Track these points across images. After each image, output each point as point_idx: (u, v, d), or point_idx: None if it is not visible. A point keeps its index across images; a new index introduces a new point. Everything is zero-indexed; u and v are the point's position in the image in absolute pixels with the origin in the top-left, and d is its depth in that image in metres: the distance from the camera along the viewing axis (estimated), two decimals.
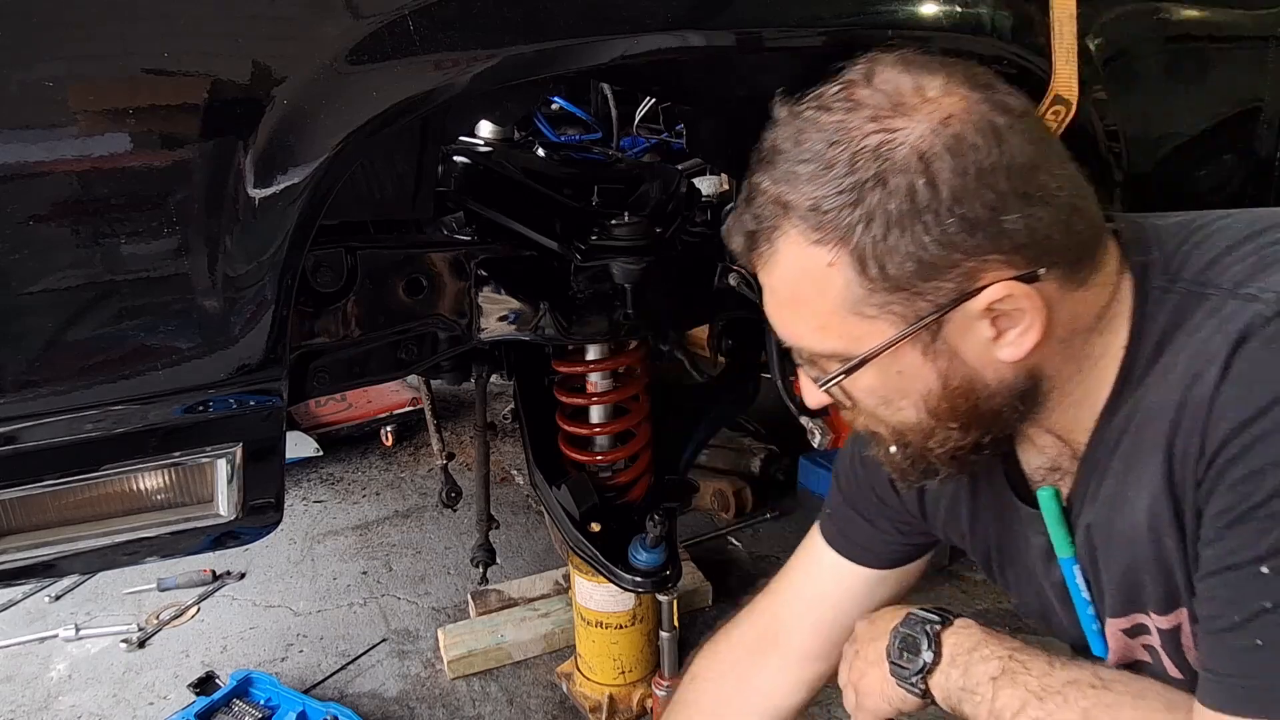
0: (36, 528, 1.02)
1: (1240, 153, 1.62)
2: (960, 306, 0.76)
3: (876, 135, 0.73)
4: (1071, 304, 0.80)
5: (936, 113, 0.74)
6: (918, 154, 0.72)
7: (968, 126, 0.73)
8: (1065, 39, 1.28)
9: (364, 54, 0.92)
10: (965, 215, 0.73)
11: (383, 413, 3.46)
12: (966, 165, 0.72)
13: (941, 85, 0.75)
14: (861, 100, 0.75)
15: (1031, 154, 0.75)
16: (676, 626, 2.02)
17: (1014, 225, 0.74)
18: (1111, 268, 0.83)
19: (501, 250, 1.53)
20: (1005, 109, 0.76)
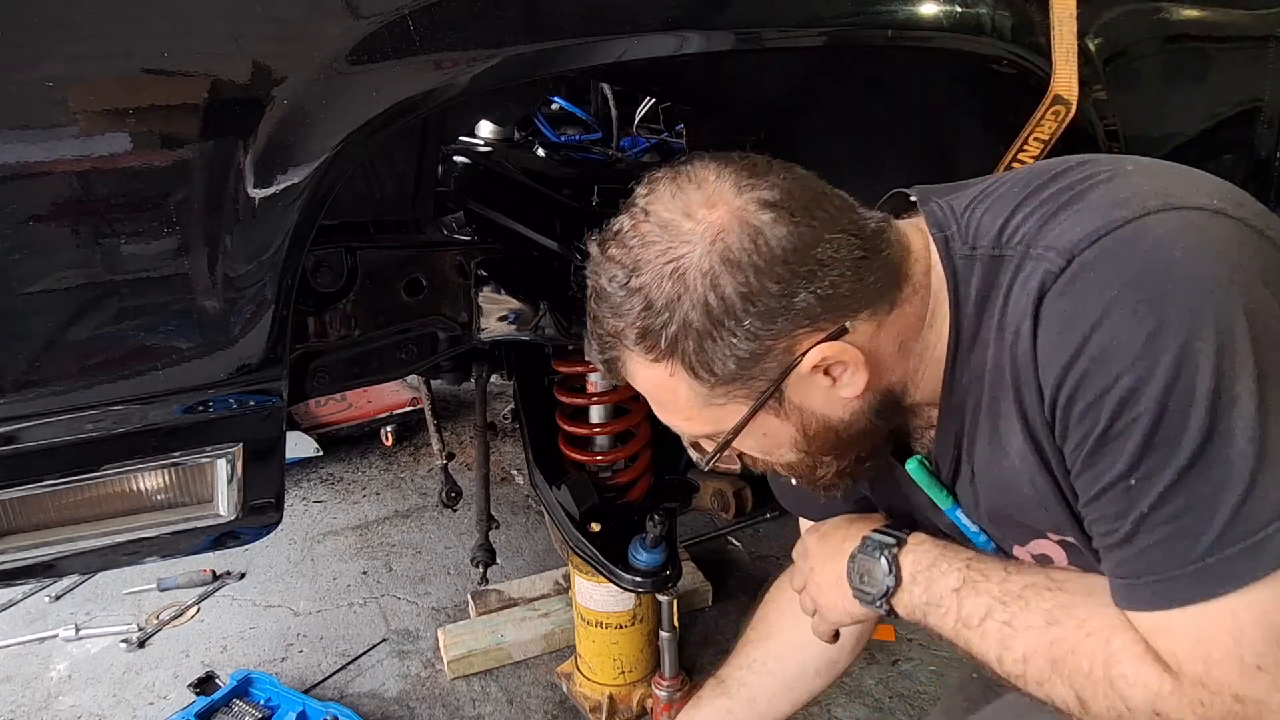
0: (36, 528, 1.02)
1: (1240, 153, 1.62)
2: (789, 376, 0.88)
3: (668, 265, 0.84)
4: (892, 325, 0.90)
5: (707, 233, 0.83)
6: (701, 274, 0.83)
7: (733, 237, 0.82)
8: (1065, 39, 1.29)
9: (364, 54, 0.92)
10: (759, 312, 0.83)
11: (383, 413, 3.46)
12: (744, 271, 0.82)
13: (706, 200, 0.85)
14: (647, 235, 0.85)
15: (800, 236, 0.83)
16: (676, 626, 2.02)
17: (805, 302, 0.84)
18: (920, 268, 0.92)
19: (501, 250, 1.53)
20: (766, 204, 0.83)
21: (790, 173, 0.89)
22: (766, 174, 0.87)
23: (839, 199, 0.90)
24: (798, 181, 0.87)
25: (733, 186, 0.85)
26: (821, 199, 0.87)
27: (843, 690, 2.24)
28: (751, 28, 1.11)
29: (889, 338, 0.91)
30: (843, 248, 0.85)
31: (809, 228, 0.84)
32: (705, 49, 1.08)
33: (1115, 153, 1.44)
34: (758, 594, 2.59)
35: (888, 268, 0.89)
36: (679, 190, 0.87)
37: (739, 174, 0.86)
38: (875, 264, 0.87)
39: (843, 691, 2.23)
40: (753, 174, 0.87)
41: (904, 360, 0.93)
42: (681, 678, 2.06)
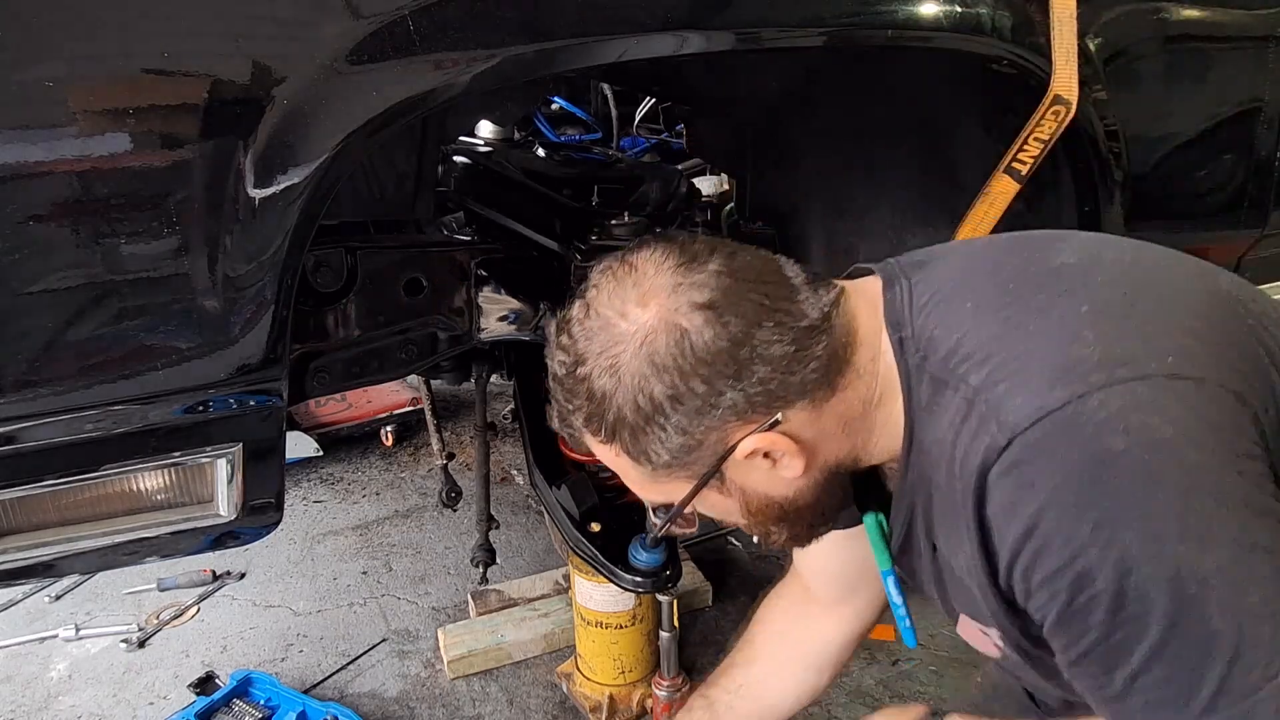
0: (36, 528, 1.02)
1: (1240, 153, 1.62)
2: (726, 462, 0.91)
3: (606, 362, 0.87)
4: (831, 410, 0.91)
5: (637, 335, 0.86)
6: (632, 375, 0.86)
7: (661, 340, 0.85)
8: (1065, 39, 1.28)
9: (364, 54, 0.92)
10: (686, 410, 0.86)
11: (383, 413, 3.46)
12: (670, 373, 0.85)
13: (640, 299, 0.87)
14: (589, 330, 0.89)
15: (728, 337, 0.85)
16: (676, 626, 2.02)
17: (732, 400, 0.86)
18: (867, 354, 0.92)
19: (501, 250, 1.53)
20: (695, 306, 0.85)
21: (733, 261, 0.88)
22: (705, 265, 0.87)
23: (783, 287, 0.89)
24: (737, 274, 0.87)
25: (667, 284, 0.86)
26: (761, 289, 0.87)
27: (843, 690, 2.24)
28: (751, 28, 1.11)
29: (830, 421, 0.92)
30: (774, 345, 0.86)
31: (738, 327, 0.85)
32: (705, 49, 1.08)
33: (1115, 153, 1.44)
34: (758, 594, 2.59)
35: (825, 359, 0.89)
36: (618, 286, 0.89)
37: (676, 269, 0.87)
38: (809, 358, 0.88)
39: (843, 691, 2.23)
40: (690, 268, 0.87)
41: (849, 439, 0.94)
42: (681, 678, 2.06)
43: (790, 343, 0.86)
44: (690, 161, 2.33)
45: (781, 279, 0.90)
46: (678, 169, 2.00)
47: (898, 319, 0.92)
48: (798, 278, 0.91)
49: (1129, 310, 0.85)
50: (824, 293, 0.91)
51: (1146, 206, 1.51)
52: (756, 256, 0.91)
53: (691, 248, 0.90)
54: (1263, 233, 1.72)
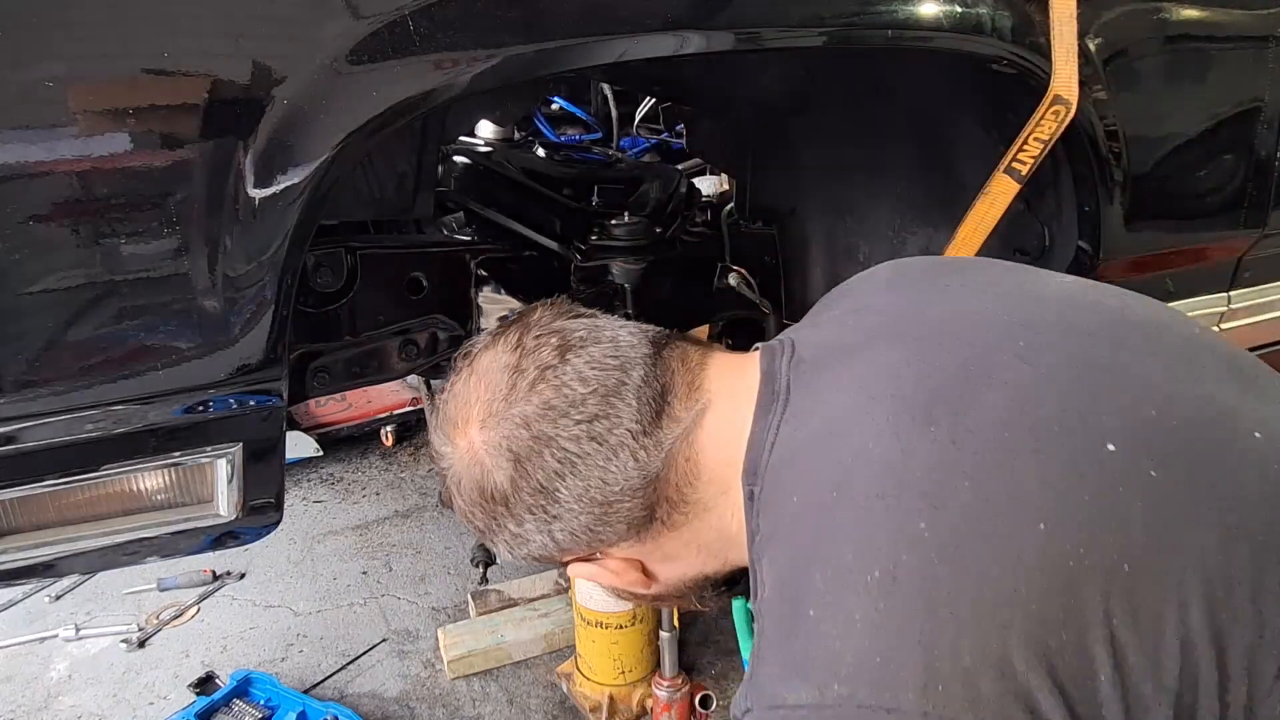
0: (36, 528, 1.02)
1: (1240, 153, 1.62)
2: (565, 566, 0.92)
3: (445, 472, 0.89)
4: (674, 539, 0.87)
5: (455, 464, 0.87)
6: (458, 497, 0.88)
7: (467, 477, 0.86)
8: (1065, 39, 1.28)
9: (364, 54, 0.92)
10: (506, 536, 0.88)
11: (383, 413, 3.45)
12: (480, 508, 0.86)
13: (459, 424, 0.86)
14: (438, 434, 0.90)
15: (533, 486, 0.83)
16: (676, 626, 2.02)
17: (543, 542, 0.86)
18: (713, 490, 0.86)
19: (501, 250, 1.53)
20: (500, 450, 0.83)
21: (561, 391, 0.83)
22: (527, 399, 0.83)
23: (612, 431, 0.82)
24: (556, 413, 0.82)
25: (482, 414, 0.85)
26: (578, 437, 0.82)
27: None
28: (751, 28, 1.11)
29: (674, 546, 0.88)
30: (575, 508, 0.84)
31: (541, 479, 0.83)
32: (705, 49, 1.08)
33: (1115, 153, 1.44)
34: None
35: (643, 511, 0.85)
36: (461, 393, 0.88)
37: (494, 399, 0.85)
38: (617, 516, 0.85)
39: None
40: (509, 399, 0.84)
41: (711, 557, 0.90)
42: (681, 678, 2.06)
43: (598, 504, 0.84)
44: (690, 161, 2.33)
45: (614, 416, 0.83)
46: (678, 169, 2.00)
47: (755, 466, 0.81)
48: (641, 404, 0.83)
49: (930, 605, 0.66)
50: (670, 426, 0.84)
51: (1146, 206, 1.51)
52: (600, 381, 0.83)
53: (531, 363, 0.85)
54: (1263, 233, 1.72)
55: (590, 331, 0.88)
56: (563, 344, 0.86)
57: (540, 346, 0.86)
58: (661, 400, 0.84)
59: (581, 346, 0.86)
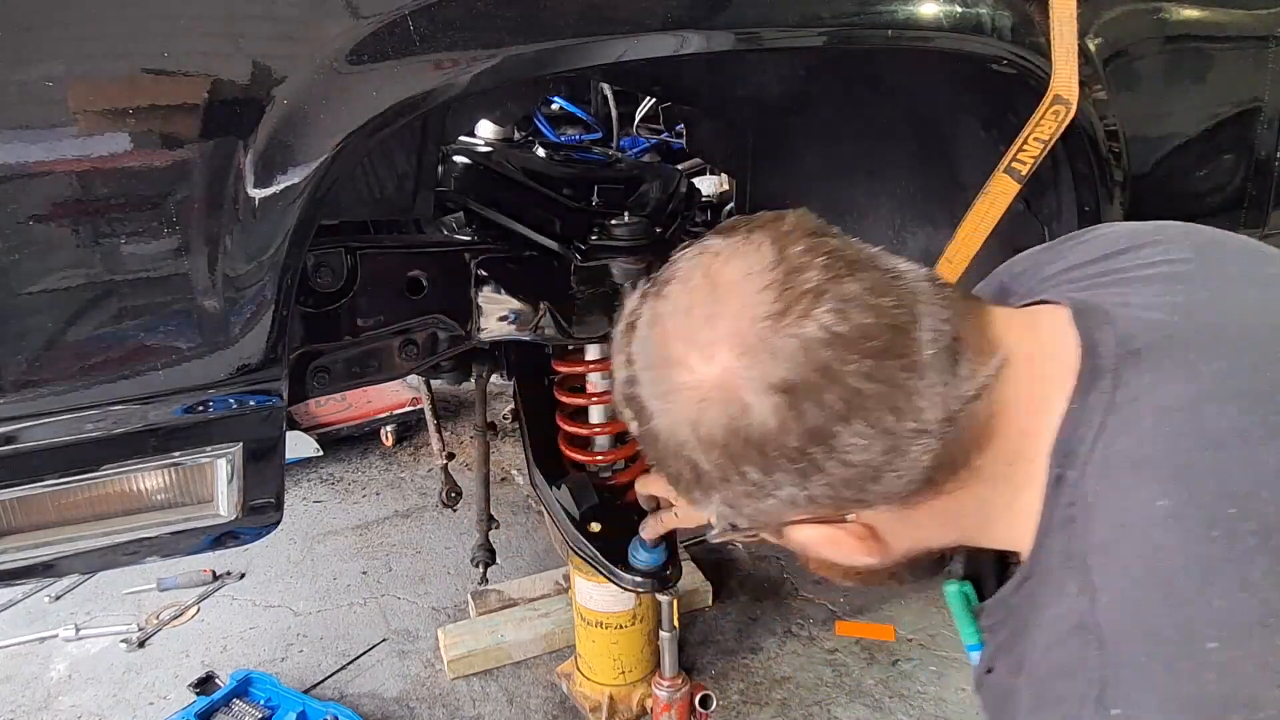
0: (36, 528, 1.02)
1: (1240, 153, 1.62)
2: (780, 531, 0.79)
3: (654, 402, 0.74)
4: (929, 508, 0.76)
5: (691, 393, 0.71)
6: (677, 438, 0.73)
7: (713, 411, 0.70)
8: (1065, 39, 1.28)
9: (364, 54, 0.92)
10: (733, 490, 0.73)
11: (383, 413, 3.46)
12: (717, 452, 0.71)
13: (706, 346, 0.70)
14: (648, 355, 0.75)
15: (804, 429, 0.68)
16: (676, 626, 2.02)
17: (791, 495, 0.72)
18: (1000, 458, 0.75)
19: (501, 250, 1.53)
20: (769, 384, 0.68)
21: (846, 317, 0.68)
22: (802, 322, 0.67)
23: (904, 368, 0.68)
24: (842, 342, 0.67)
25: (743, 339, 0.69)
26: (868, 371, 0.67)
27: (843, 690, 2.24)
28: (751, 28, 1.11)
29: (924, 517, 0.76)
30: (858, 451, 0.69)
31: (818, 421, 0.68)
32: (705, 49, 1.08)
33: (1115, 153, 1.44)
34: (758, 594, 2.60)
35: (930, 465, 0.71)
36: (688, 312, 0.72)
37: (763, 319, 0.68)
38: (905, 465, 0.70)
39: (843, 691, 2.23)
40: (780, 323, 0.68)
41: (950, 531, 0.80)
42: (681, 677, 2.06)
43: (883, 451, 0.69)
44: (690, 161, 2.33)
45: (907, 352, 0.69)
46: (678, 169, 2.00)
47: (1071, 449, 0.71)
48: (937, 344, 0.69)
49: None
50: (969, 371, 0.71)
51: (1146, 206, 1.51)
52: (888, 310, 0.69)
53: (800, 282, 0.69)
54: (1263, 233, 1.72)
55: (861, 253, 0.73)
56: (836, 263, 0.70)
57: (809, 264, 0.70)
58: (955, 346, 0.71)
59: (860, 268, 0.71)
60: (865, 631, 2.44)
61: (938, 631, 2.43)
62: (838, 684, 2.26)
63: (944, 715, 2.17)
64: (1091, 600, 0.67)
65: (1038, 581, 0.74)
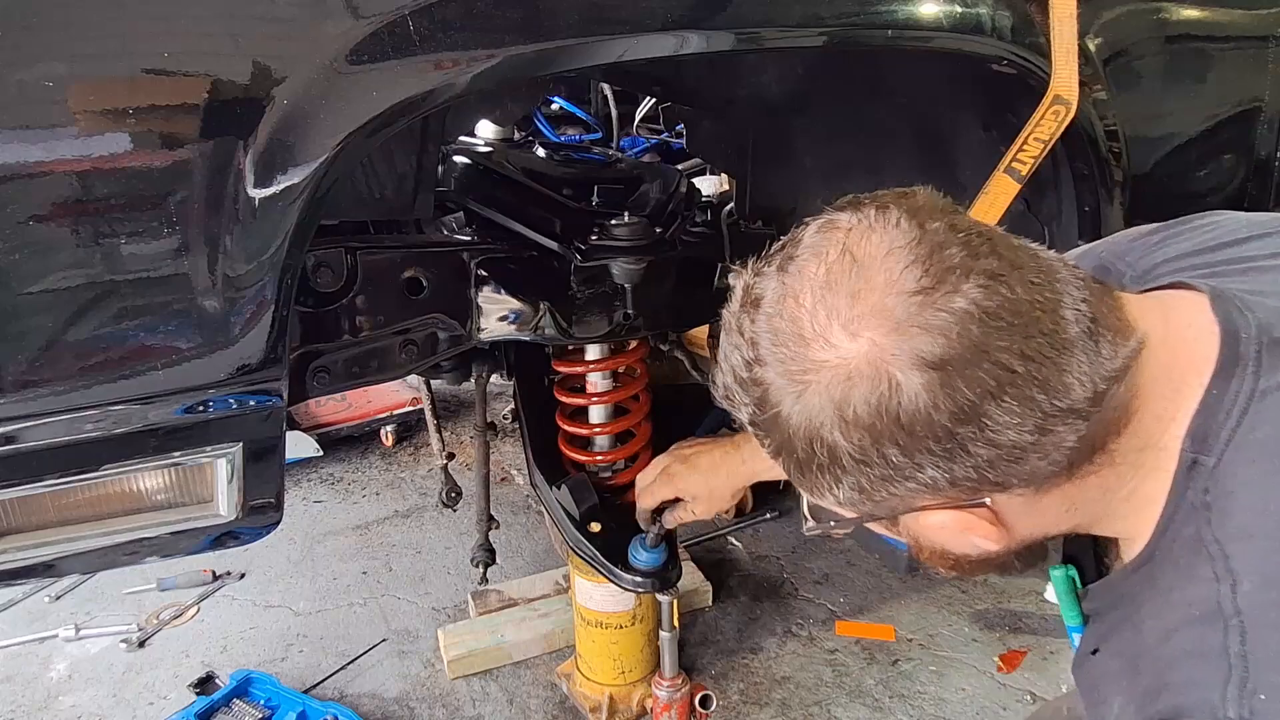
0: (36, 528, 1.02)
1: (1240, 153, 1.62)
2: (895, 521, 0.77)
3: (785, 384, 0.71)
4: (1059, 493, 0.75)
5: (834, 370, 0.68)
6: (813, 415, 0.70)
7: (860, 389, 0.68)
8: (1065, 39, 1.28)
9: (364, 54, 0.92)
10: (870, 473, 0.71)
11: (383, 413, 3.46)
12: (861, 431, 0.69)
13: (851, 322, 0.68)
14: (779, 333, 0.72)
15: (955, 407, 0.66)
16: (676, 626, 2.02)
17: (933, 477, 0.70)
18: (1134, 443, 0.74)
19: (501, 250, 1.53)
20: (919, 361, 0.66)
21: (993, 293, 0.66)
22: (953, 297, 0.66)
23: (1052, 345, 0.67)
24: (992, 318, 0.66)
25: (892, 314, 0.67)
26: (1018, 347, 0.66)
27: (843, 690, 2.24)
28: (751, 28, 1.11)
29: (1052, 502, 0.75)
30: (1008, 429, 0.67)
31: (968, 399, 0.66)
32: (705, 49, 1.08)
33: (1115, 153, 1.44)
34: (758, 594, 2.60)
35: (1073, 447, 0.70)
36: (830, 283, 0.70)
37: (912, 295, 0.67)
38: (1051, 445, 0.69)
39: (843, 691, 2.23)
40: (930, 298, 0.66)
41: (1070, 517, 0.78)
42: (681, 677, 2.06)
43: (1032, 430, 0.67)
44: (690, 161, 2.33)
45: (1055, 330, 0.67)
46: (678, 169, 2.00)
47: (1208, 433, 0.71)
48: (1079, 324, 0.68)
49: None
50: (1110, 352, 0.70)
51: (1146, 206, 1.51)
52: (1032, 287, 0.68)
53: (944, 257, 0.67)
54: None
55: (995, 230, 0.72)
56: (976, 239, 0.69)
57: (950, 240, 0.68)
58: (1096, 327, 0.69)
59: (1000, 245, 0.70)
60: (865, 631, 2.44)
61: (937, 631, 2.43)
62: (838, 684, 2.26)
63: (944, 715, 2.16)
64: (1232, 587, 0.66)
65: (1159, 566, 0.73)
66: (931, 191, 0.75)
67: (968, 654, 2.34)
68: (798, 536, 2.87)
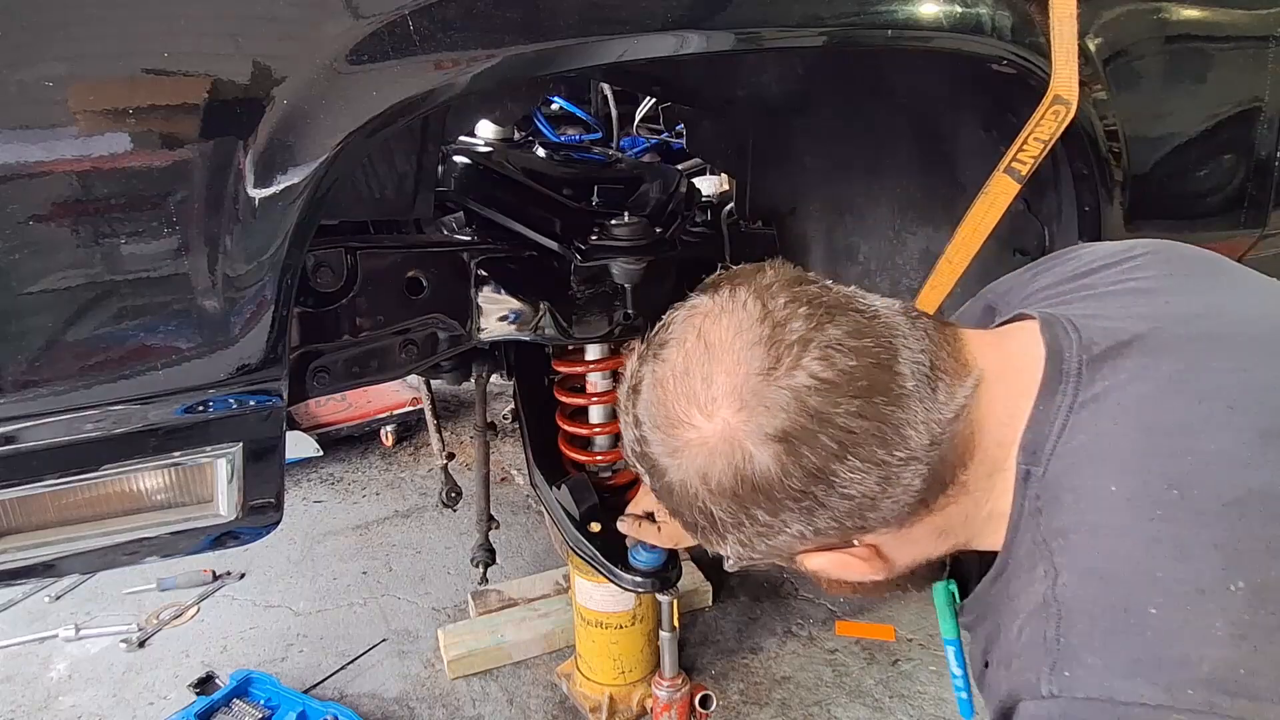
0: (36, 528, 1.02)
1: (1240, 153, 1.62)
2: (792, 560, 0.85)
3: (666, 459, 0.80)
4: (925, 525, 0.82)
5: (697, 448, 0.77)
6: (690, 489, 0.79)
7: (719, 463, 0.76)
8: (1065, 39, 1.28)
9: (364, 54, 0.92)
10: (745, 532, 0.79)
11: (383, 413, 3.46)
12: (726, 500, 0.77)
13: (706, 404, 0.77)
14: (655, 417, 0.81)
15: (804, 471, 0.74)
16: (676, 626, 2.02)
17: (800, 530, 0.78)
18: (981, 471, 0.81)
19: (501, 250, 1.53)
20: (766, 434, 0.74)
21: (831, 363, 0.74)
22: (792, 374, 0.74)
23: (891, 402, 0.74)
24: (830, 389, 0.73)
25: (739, 394, 0.75)
26: (858, 409, 0.73)
27: (843, 690, 2.24)
28: (751, 28, 1.11)
29: (921, 533, 0.83)
30: (855, 484, 0.75)
31: (815, 462, 0.74)
32: (705, 49, 1.08)
33: (1114, 153, 1.44)
34: (758, 594, 2.60)
35: (922, 487, 0.77)
36: (688, 369, 0.78)
37: (753, 375, 0.75)
38: (900, 491, 0.77)
39: (843, 691, 2.23)
40: (770, 378, 0.74)
41: (943, 542, 0.86)
42: (681, 677, 2.06)
43: (878, 480, 0.75)
44: (690, 161, 2.33)
45: (891, 385, 0.75)
46: (678, 169, 1.99)
47: (1037, 446, 0.78)
48: (915, 376, 0.76)
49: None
50: (946, 396, 0.77)
51: (1146, 206, 1.51)
52: (866, 351, 0.75)
53: (786, 333, 0.75)
54: (1263, 233, 1.72)
55: (838, 297, 0.79)
56: (817, 311, 0.76)
57: (792, 315, 0.76)
58: (933, 374, 0.77)
59: (839, 313, 0.77)
60: (865, 631, 2.44)
61: (937, 631, 2.42)
62: (838, 684, 2.26)
63: (944, 715, 2.16)
64: (1054, 581, 0.74)
65: (1011, 573, 0.80)
66: (783, 265, 0.83)
67: None
68: None
